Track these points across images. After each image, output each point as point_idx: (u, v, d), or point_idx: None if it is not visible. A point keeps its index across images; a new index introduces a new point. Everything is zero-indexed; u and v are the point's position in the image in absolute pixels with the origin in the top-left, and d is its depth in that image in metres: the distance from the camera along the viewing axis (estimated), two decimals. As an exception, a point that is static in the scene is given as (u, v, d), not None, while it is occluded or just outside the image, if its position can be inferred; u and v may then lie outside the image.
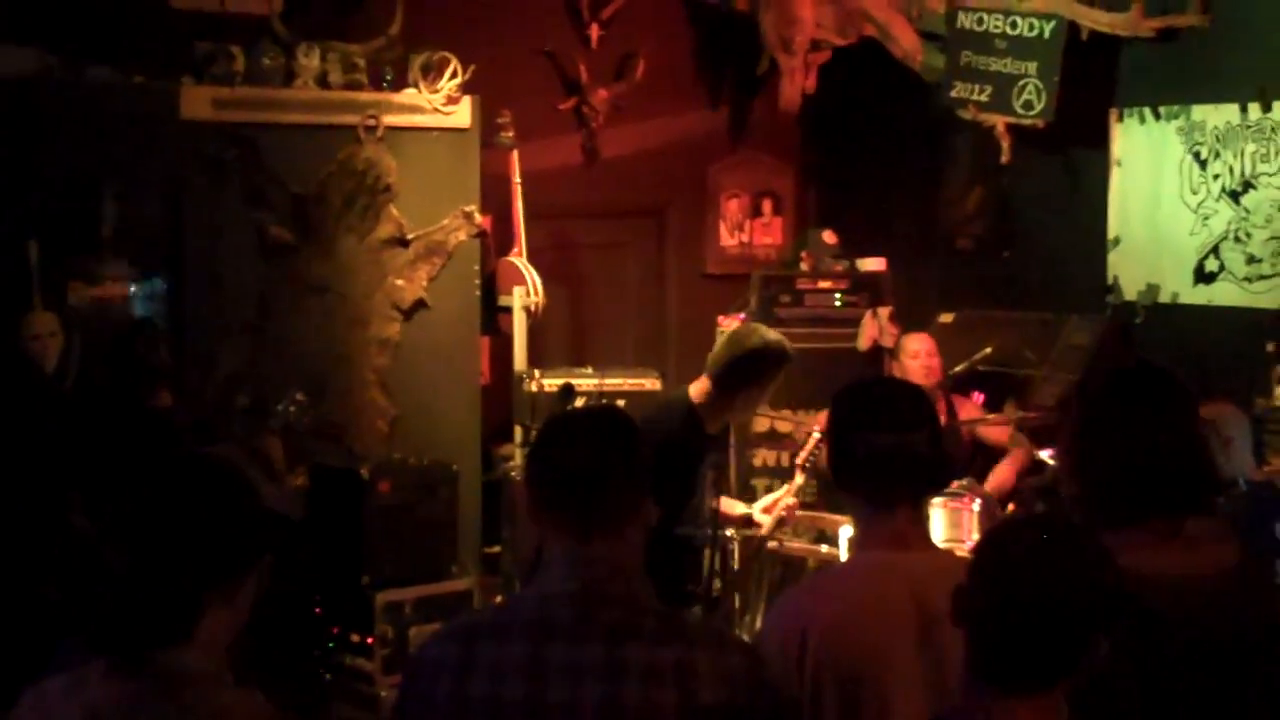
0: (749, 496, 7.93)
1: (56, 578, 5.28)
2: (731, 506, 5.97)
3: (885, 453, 2.94)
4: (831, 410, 3.08)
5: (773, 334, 5.53)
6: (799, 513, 6.99)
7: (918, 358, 6.94)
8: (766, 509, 5.94)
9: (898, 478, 2.95)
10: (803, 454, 5.96)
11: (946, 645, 2.80)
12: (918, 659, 2.85)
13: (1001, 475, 6.93)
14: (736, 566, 6.32)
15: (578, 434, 2.76)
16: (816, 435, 5.84)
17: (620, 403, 7.26)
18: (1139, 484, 2.91)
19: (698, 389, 5.40)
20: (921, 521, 3.09)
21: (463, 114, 7.43)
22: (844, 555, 6.11)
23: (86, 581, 5.24)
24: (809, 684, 2.82)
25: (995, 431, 7.15)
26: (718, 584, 5.58)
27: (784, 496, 5.91)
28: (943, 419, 6.53)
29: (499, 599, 6.17)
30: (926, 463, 2.98)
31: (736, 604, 6.18)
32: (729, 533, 6.52)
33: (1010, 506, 6.45)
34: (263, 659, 2.68)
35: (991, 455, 7.11)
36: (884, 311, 7.96)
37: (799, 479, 5.91)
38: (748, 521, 5.99)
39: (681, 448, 5.04)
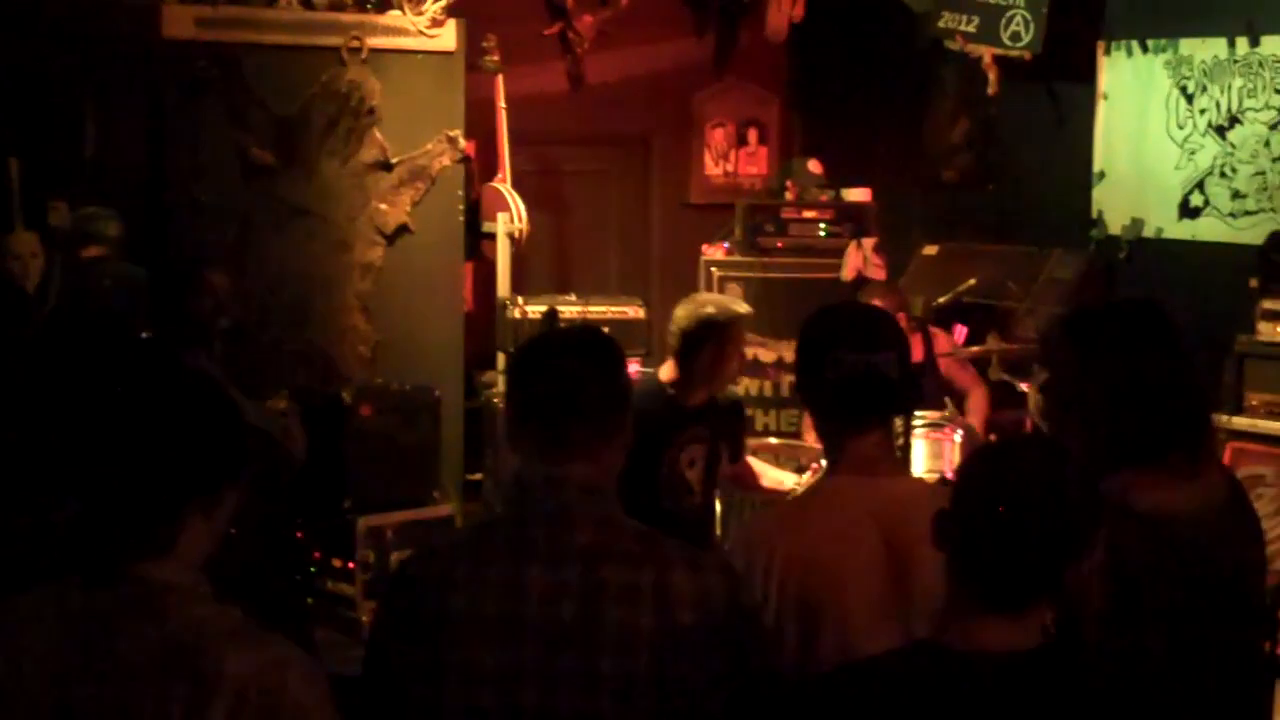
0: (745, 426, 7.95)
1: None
2: (779, 481, 5.93)
3: (854, 373, 2.94)
4: (801, 333, 3.08)
5: (717, 299, 5.53)
6: (777, 440, 7.03)
7: None
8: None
9: (867, 398, 2.96)
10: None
11: (911, 571, 2.82)
12: (881, 585, 2.86)
13: (974, 418, 6.91)
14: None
15: (555, 354, 2.74)
16: None
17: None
18: (1159, 420, 2.89)
19: (666, 369, 5.41)
20: (890, 446, 3.09)
21: (448, 37, 7.37)
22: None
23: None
24: (773, 608, 2.84)
25: (960, 374, 7.11)
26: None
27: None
28: (919, 354, 6.58)
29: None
30: (895, 384, 2.99)
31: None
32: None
33: (992, 438, 6.46)
34: (244, 582, 2.66)
35: (957, 394, 7.07)
36: (868, 242, 7.96)
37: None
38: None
39: (645, 427, 5.04)
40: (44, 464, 4.70)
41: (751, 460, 5.87)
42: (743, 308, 5.52)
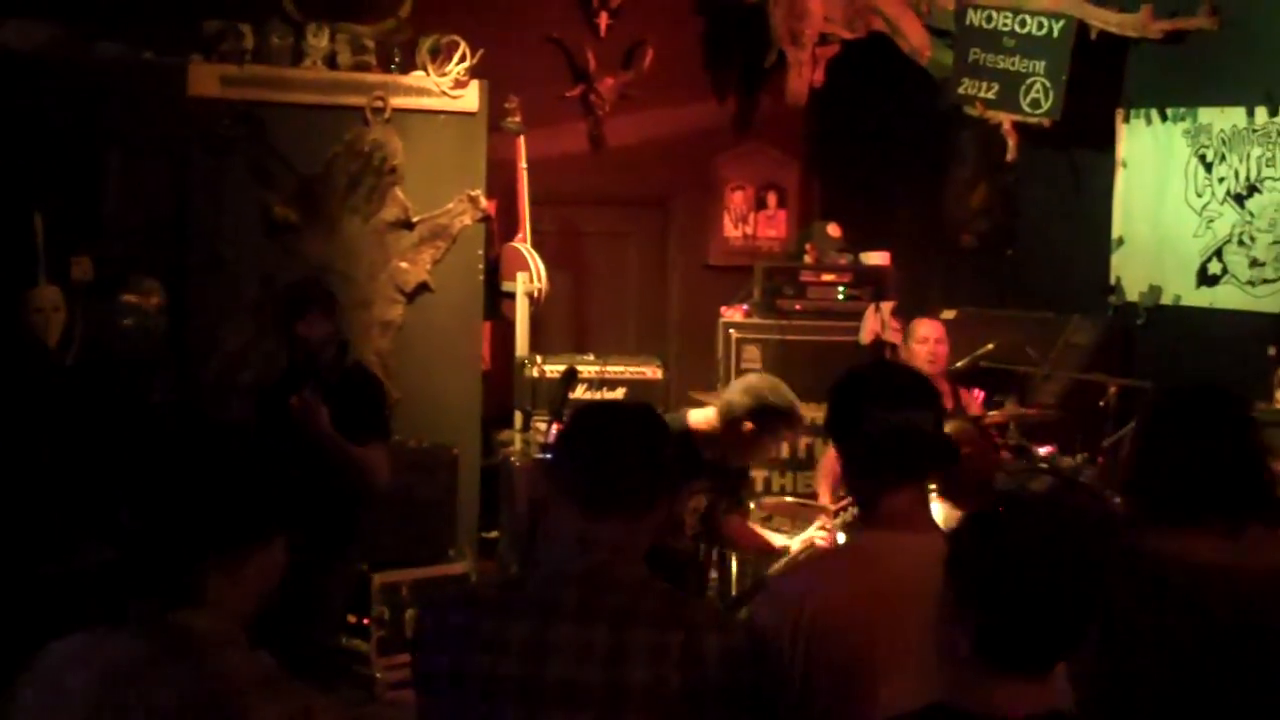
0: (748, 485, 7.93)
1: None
2: (770, 538, 5.93)
3: (892, 430, 2.95)
4: (837, 390, 3.08)
5: (787, 394, 5.48)
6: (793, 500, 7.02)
7: (925, 343, 6.93)
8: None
9: (902, 455, 2.96)
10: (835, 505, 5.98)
11: None
12: (914, 642, 2.84)
13: None
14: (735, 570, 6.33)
15: (606, 423, 2.81)
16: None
17: (620, 391, 7.29)
18: (1194, 486, 3.07)
19: (701, 417, 5.40)
20: (925, 503, 3.08)
21: (470, 98, 7.43)
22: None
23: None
24: (801, 663, 2.82)
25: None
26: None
27: (814, 534, 5.86)
28: (949, 405, 6.58)
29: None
30: (931, 442, 2.99)
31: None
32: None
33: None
34: (274, 633, 2.69)
35: None
36: (886, 306, 7.97)
37: (825, 520, 5.85)
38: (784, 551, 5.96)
39: None
40: (69, 512, 4.73)
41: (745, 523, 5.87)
42: (799, 409, 5.51)
